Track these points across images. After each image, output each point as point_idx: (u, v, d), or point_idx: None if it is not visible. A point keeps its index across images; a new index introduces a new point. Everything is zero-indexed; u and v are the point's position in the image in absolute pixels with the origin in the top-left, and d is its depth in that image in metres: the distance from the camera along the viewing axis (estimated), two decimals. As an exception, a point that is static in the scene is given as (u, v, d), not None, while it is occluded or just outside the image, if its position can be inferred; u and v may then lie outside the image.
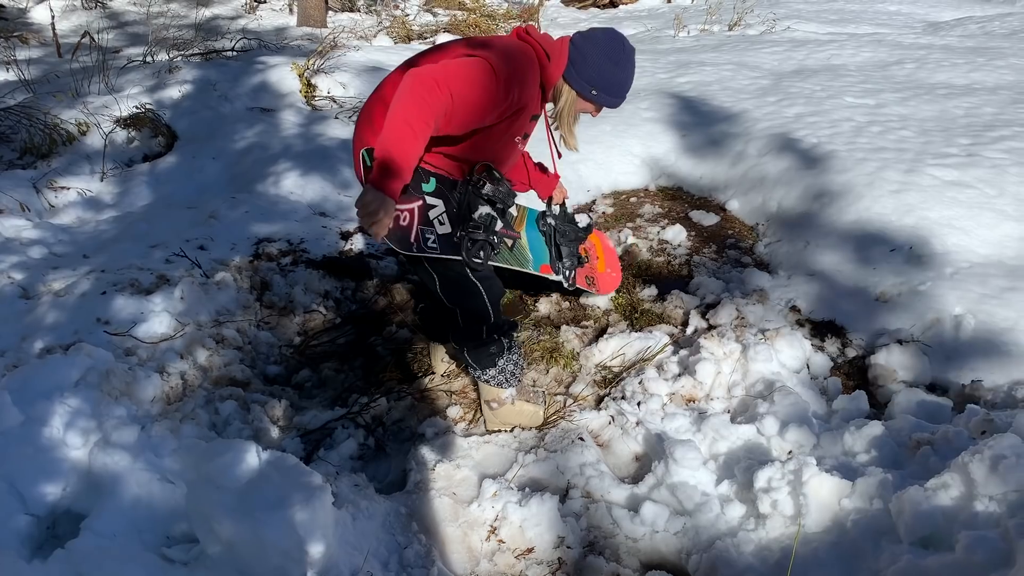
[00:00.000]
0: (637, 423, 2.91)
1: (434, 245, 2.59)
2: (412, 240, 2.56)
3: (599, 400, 3.16)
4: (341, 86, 6.67)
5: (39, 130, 5.64)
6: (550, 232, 3.27)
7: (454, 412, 3.13)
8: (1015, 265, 3.54)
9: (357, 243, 4.41)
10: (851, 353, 3.33)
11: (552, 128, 2.81)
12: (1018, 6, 13.07)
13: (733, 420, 2.79)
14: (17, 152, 5.64)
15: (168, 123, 6.01)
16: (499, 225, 2.75)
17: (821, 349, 3.36)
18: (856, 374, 3.25)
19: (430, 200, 2.60)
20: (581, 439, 2.86)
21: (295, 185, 4.99)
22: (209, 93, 6.41)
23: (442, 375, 3.40)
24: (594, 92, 2.62)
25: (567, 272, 3.30)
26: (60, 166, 5.45)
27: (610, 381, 3.27)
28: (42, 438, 2.61)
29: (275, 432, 3.02)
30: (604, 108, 2.71)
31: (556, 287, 3.71)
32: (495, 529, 2.53)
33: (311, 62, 6.76)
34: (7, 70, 7.35)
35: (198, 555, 2.36)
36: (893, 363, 3.18)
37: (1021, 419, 2.46)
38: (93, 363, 2.91)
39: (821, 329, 3.48)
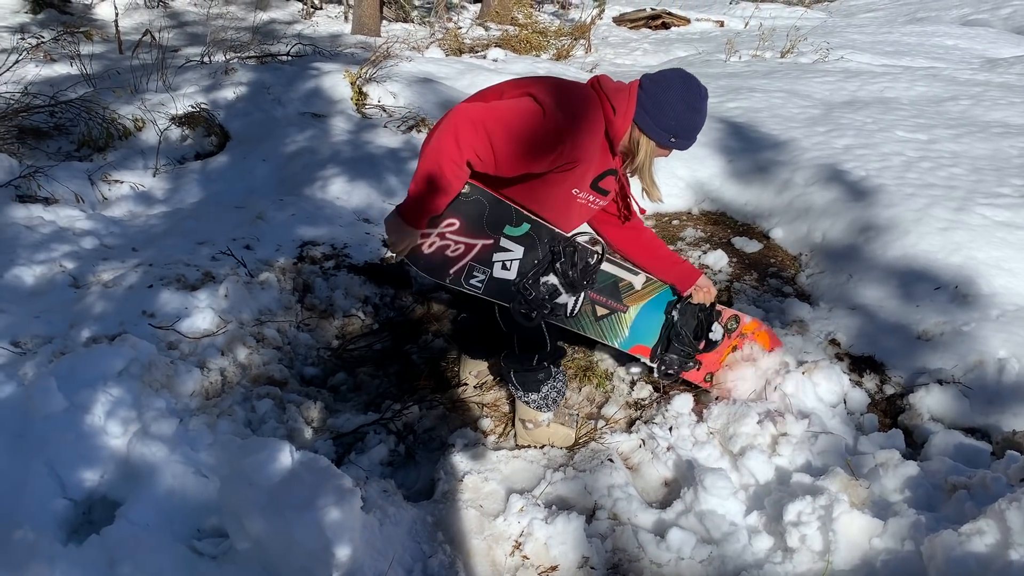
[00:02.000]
0: (668, 448, 2.90)
1: (477, 284, 2.62)
2: (451, 271, 2.60)
3: (631, 423, 3.15)
4: (392, 95, 6.76)
5: (97, 124, 5.80)
6: (668, 326, 3.07)
7: (485, 424, 3.15)
8: (1065, 311, 3.47)
9: (399, 251, 4.46)
10: (889, 390, 3.28)
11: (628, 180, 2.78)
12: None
13: (765, 451, 2.76)
14: (75, 144, 5.80)
15: (221, 123, 6.14)
16: (564, 298, 2.75)
17: (859, 384, 3.32)
18: (893, 412, 3.20)
19: (507, 244, 2.62)
20: (611, 460, 2.85)
21: (341, 191, 5.07)
22: (263, 96, 6.53)
23: (473, 388, 3.42)
24: (673, 140, 2.52)
25: (664, 368, 3.09)
26: (115, 160, 5.59)
27: (642, 404, 3.25)
28: (84, 425, 2.67)
29: (308, 433, 3.06)
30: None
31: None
32: (520, 544, 2.53)
33: (363, 70, 6.86)
34: (70, 64, 7.56)
35: (227, 550, 2.40)
36: (932, 403, 3.13)
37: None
38: (136, 355, 2.98)
39: (860, 364, 3.44)
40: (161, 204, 5.20)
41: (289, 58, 7.94)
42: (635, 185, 2.77)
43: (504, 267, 2.63)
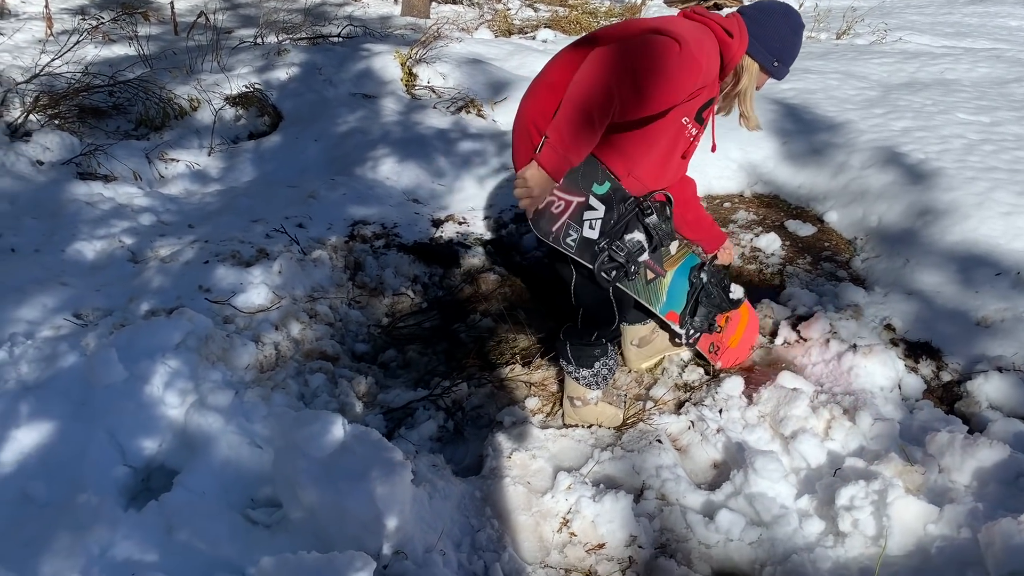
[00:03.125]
0: (718, 430, 2.88)
1: (571, 244, 2.58)
2: (553, 230, 2.56)
3: (680, 405, 3.14)
4: (441, 76, 6.77)
5: (154, 103, 5.92)
6: (697, 287, 3.05)
7: (532, 403, 3.16)
8: None
9: (448, 231, 4.48)
10: (946, 377, 3.21)
11: (717, 114, 2.74)
12: None
13: (818, 435, 2.72)
14: (133, 123, 5.93)
15: (274, 104, 6.22)
16: (644, 256, 2.68)
17: (915, 371, 3.25)
18: (950, 399, 3.13)
19: (593, 202, 2.59)
20: (659, 441, 2.84)
21: (391, 171, 5.10)
22: (314, 77, 6.59)
23: (635, 370, 3.41)
24: (776, 64, 2.54)
25: (691, 331, 3.08)
26: (171, 139, 5.71)
27: (692, 387, 3.24)
28: (143, 395, 2.74)
29: (359, 407, 3.10)
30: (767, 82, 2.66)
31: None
32: (567, 521, 2.54)
33: (414, 51, 6.88)
34: (128, 45, 7.71)
35: (280, 519, 2.45)
36: (991, 391, 3.05)
37: None
38: (193, 328, 3.05)
39: (916, 350, 3.36)
40: (216, 182, 5.29)
41: (340, 39, 7.98)
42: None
43: (591, 226, 2.58)
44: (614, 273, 2.63)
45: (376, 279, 3.94)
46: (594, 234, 2.59)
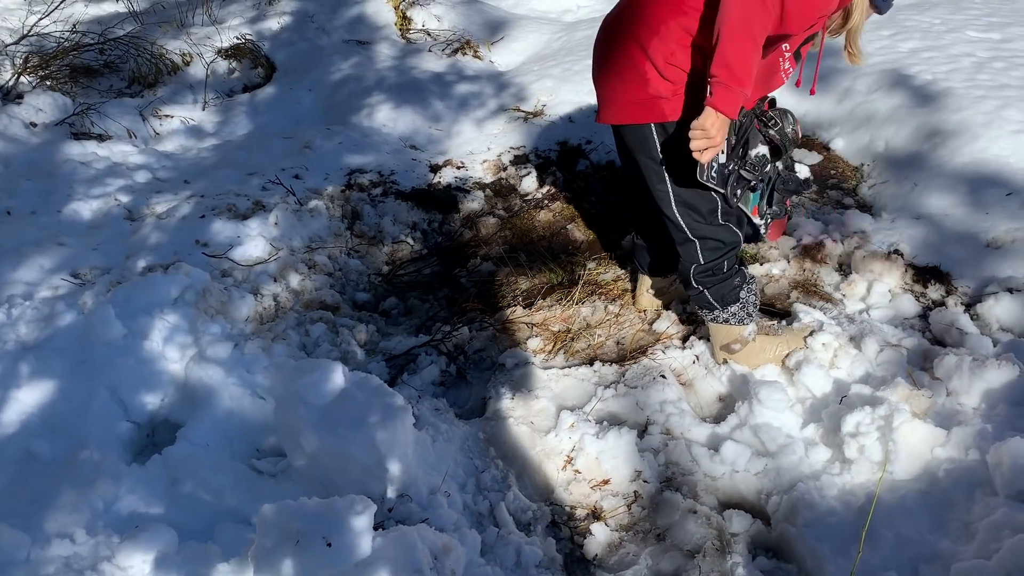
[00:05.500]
0: (724, 361, 2.85)
1: (714, 175, 2.40)
2: (704, 170, 2.36)
3: (685, 338, 3.10)
4: (436, 19, 6.62)
5: (146, 60, 5.83)
6: (773, 177, 2.77)
7: (534, 344, 3.13)
8: None
9: (446, 176, 4.41)
10: (955, 301, 3.15)
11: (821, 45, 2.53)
12: None
13: (823, 366, 2.69)
14: (125, 81, 5.86)
15: (267, 54, 6.12)
16: (771, 168, 2.53)
17: (924, 295, 3.19)
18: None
19: None
20: (663, 376, 2.82)
21: (387, 118, 5.02)
22: (307, 25, 6.47)
23: (642, 311, 3.29)
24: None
25: (767, 220, 2.85)
26: (165, 95, 5.63)
27: (697, 320, 3.19)
28: (143, 351, 2.74)
29: (361, 355, 3.09)
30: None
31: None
32: (571, 459, 2.54)
33: (407, -6, 6.73)
34: (117, 2, 7.58)
35: (285, 468, 2.46)
36: (1001, 312, 2.99)
37: None
38: (191, 282, 3.03)
39: (924, 275, 3.29)
40: (211, 137, 5.23)
41: (333, -15, 7.80)
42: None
43: (721, 150, 2.37)
44: (739, 192, 2.45)
45: (375, 227, 3.90)
46: (722, 158, 2.40)
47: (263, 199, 3.85)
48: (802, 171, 2.85)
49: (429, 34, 6.44)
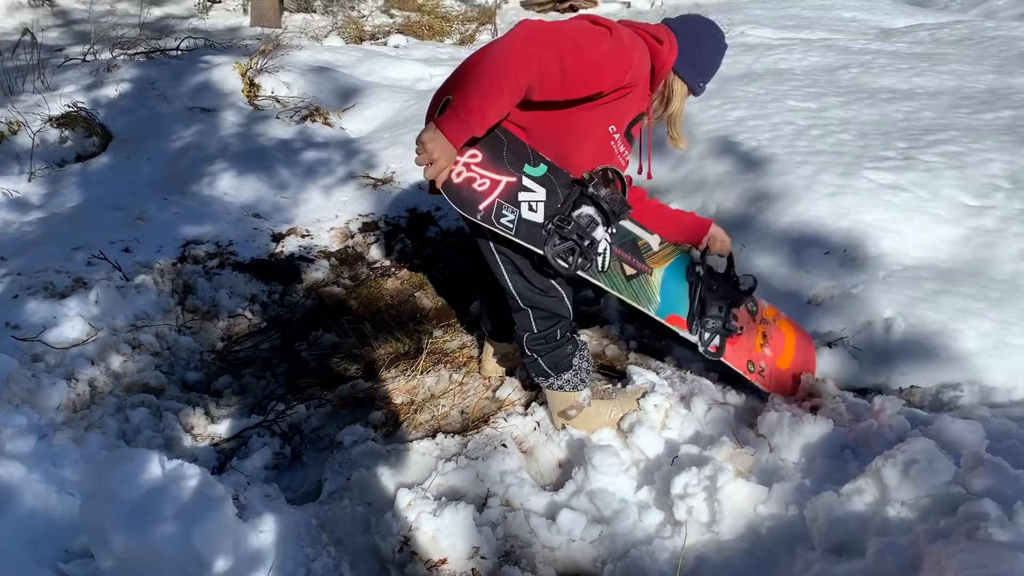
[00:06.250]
0: (562, 427, 2.84)
1: (508, 224, 2.34)
2: (481, 208, 2.32)
3: (527, 404, 3.09)
4: (285, 86, 6.56)
5: (-35, 130, 5.46)
6: (695, 283, 2.79)
7: (375, 418, 3.04)
8: (946, 268, 3.53)
9: (289, 245, 4.30)
10: (782, 356, 3.29)
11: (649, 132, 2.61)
12: (969, 14, 13.28)
13: (655, 427, 2.73)
14: (-58, 152, 5.46)
15: (102, 122, 5.86)
16: (601, 232, 2.46)
17: (753, 352, 3.32)
18: (786, 377, 3.20)
19: (528, 183, 2.40)
20: (504, 445, 2.78)
21: (229, 186, 4.88)
22: (147, 92, 6.26)
23: (487, 378, 3.25)
24: (701, 84, 2.46)
25: (705, 334, 2.76)
26: (-14, 166, 5.28)
27: (537, 385, 3.19)
28: (-73, 454, 2.48)
29: (188, 441, 2.91)
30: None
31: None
32: (408, 540, 2.44)
33: (253, 61, 6.64)
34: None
35: (94, 571, 2.26)
36: (823, 366, 3.14)
37: (940, 422, 2.43)
38: (-8, 370, 2.78)
39: (753, 332, 3.44)
40: (37, 210, 4.91)
41: (179, 52, 7.62)
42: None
43: (531, 208, 2.37)
44: (571, 257, 2.41)
45: (209, 301, 3.73)
46: (538, 216, 2.39)
47: (86, 276, 3.62)
48: (746, 281, 2.87)
49: (278, 101, 6.36)
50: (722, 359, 2.78)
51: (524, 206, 2.39)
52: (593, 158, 2.47)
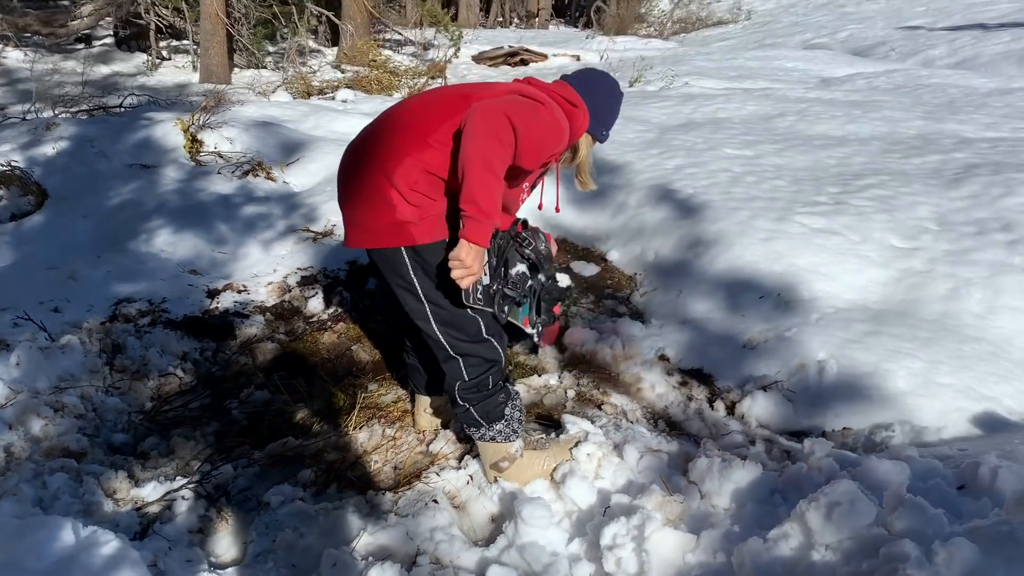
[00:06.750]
0: (495, 480, 2.80)
1: (480, 297, 2.49)
2: (470, 293, 2.46)
3: (461, 458, 3.04)
4: (228, 141, 6.52)
5: None
6: (537, 289, 2.93)
7: (305, 476, 2.96)
8: (878, 310, 3.60)
9: (224, 301, 4.23)
10: (718, 401, 3.30)
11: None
12: (907, 63, 13.78)
13: (587, 477, 2.70)
14: None
15: (38, 180, 5.74)
16: (529, 283, 2.69)
17: (690, 399, 3.32)
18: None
19: None
20: (435, 501, 2.72)
21: (166, 242, 4.81)
22: (86, 150, 6.16)
23: (421, 432, 3.23)
24: (605, 133, 2.63)
25: (539, 329, 3.00)
26: (-88, 227, 5.13)
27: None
28: None
29: (109, 506, 2.80)
30: None
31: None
32: (332, 603, 2.36)
33: (196, 117, 6.60)
34: None
35: (-2, 650, 2.14)
36: (758, 410, 3.16)
37: (868, 464, 2.43)
38: None
39: (689, 377, 3.45)
40: (-36, 271, 4.78)
41: (122, 109, 7.57)
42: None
43: (484, 272, 2.48)
44: (507, 309, 2.60)
45: (139, 361, 3.63)
46: (487, 279, 2.52)
47: (8, 337, 3.51)
48: (563, 280, 3.04)
49: (221, 156, 6.32)
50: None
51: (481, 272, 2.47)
52: (506, 202, 2.60)
